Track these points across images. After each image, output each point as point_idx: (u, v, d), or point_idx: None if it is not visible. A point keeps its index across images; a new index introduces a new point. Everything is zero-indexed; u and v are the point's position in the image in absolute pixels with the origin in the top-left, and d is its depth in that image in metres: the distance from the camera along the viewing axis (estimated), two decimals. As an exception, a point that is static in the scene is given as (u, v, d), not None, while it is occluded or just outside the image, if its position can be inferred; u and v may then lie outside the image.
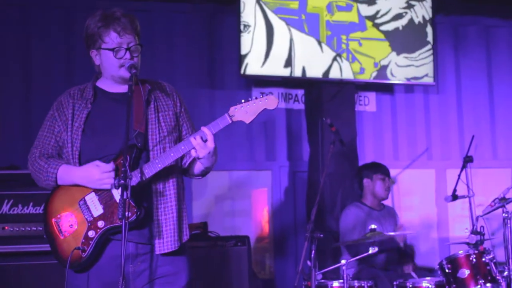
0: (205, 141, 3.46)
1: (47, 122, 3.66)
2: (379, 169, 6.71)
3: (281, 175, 7.60)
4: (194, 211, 7.20)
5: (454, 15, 8.21)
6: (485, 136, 8.23)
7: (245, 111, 3.51)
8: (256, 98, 3.56)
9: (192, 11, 7.44)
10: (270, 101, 3.54)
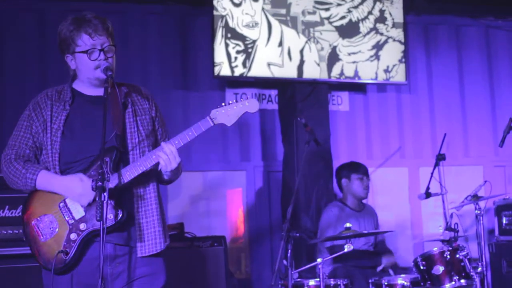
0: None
1: (23, 122, 3.60)
2: (356, 168, 6.70)
3: (255, 175, 7.59)
4: (170, 212, 7.17)
5: (425, 15, 8.30)
6: (457, 134, 8.26)
7: (226, 114, 3.54)
8: (237, 101, 3.57)
9: (165, 12, 7.43)
10: (252, 104, 3.59)
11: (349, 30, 7.45)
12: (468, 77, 8.43)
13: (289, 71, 7.30)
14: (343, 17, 7.40)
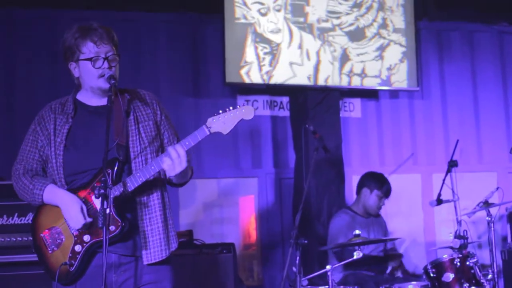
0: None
1: (29, 136, 3.64)
2: (381, 186, 6.62)
3: (267, 182, 7.59)
4: (182, 219, 7.18)
5: (438, 21, 8.27)
6: (470, 141, 8.21)
7: (222, 122, 3.46)
8: (232, 108, 3.49)
9: (176, 20, 7.44)
10: (247, 111, 3.49)
11: (357, 35, 7.81)
12: (482, 83, 8.37)
13: (307, 69, 7.60)
14: (351, 24, 7.87)
